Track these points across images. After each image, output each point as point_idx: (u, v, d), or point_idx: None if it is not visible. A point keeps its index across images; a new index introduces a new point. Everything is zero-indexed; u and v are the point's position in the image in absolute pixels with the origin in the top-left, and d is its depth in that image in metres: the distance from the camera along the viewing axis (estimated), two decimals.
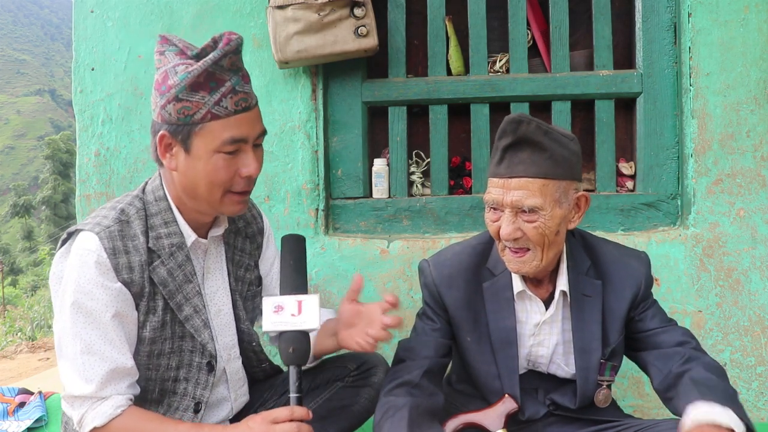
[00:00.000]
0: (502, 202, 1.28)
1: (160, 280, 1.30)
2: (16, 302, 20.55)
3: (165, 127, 1.25)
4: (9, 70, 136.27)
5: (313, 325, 1.24)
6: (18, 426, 2.06)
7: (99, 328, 1.23)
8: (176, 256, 1.33)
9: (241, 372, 1.48)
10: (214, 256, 1.43)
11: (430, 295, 1.46)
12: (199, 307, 1.36)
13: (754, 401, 2.02)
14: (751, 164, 2.03)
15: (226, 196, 1.30)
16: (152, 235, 1.31)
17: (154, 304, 1.30)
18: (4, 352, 6.73)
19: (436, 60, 2.21)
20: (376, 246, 2.12)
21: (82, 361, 1.23)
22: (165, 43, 1.29)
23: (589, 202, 1.35)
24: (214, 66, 1.21)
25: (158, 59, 1.28)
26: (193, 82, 1.21)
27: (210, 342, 1.37)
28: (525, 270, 1.32)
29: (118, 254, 1.25)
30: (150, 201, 1.34)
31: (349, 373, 1.55)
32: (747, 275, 2.02)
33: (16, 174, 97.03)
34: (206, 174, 1.26)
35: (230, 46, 1.22)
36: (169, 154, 1.28)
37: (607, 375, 1.40)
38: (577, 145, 1.33)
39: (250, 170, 1.29)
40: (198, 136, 1.24)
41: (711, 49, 2.03)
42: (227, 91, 1.24)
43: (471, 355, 1.44)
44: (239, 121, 1.26)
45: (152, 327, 1.30)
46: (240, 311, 1.46)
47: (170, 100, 1.23)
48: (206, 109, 1.22)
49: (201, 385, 1.38)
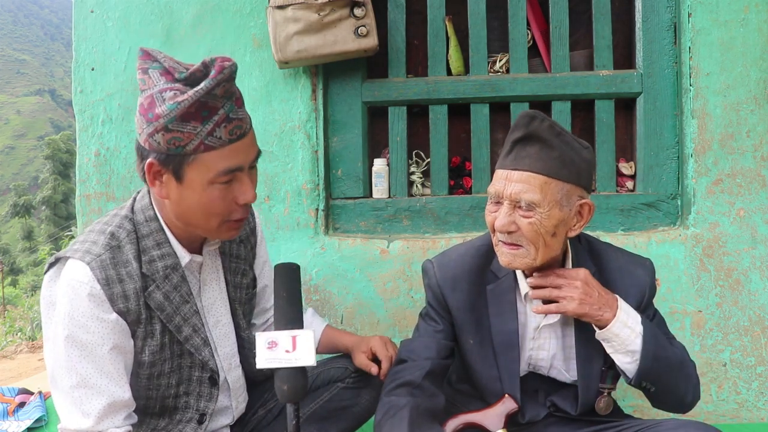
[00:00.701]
0: (503, 194, 1.28)
1: (157, 304, 1.25)
2: (16, 302, 20.56)
3: (153, 156, 1.18)
4: (9, 70, 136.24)
5: (308, 362, 1.16)
6: (18, 426, 2.06)
7: (95, 362, 1.19)
8: (171, 279, 1.28)
9: (241, 380, 1.47)
10: (210, 268, 1.39)
11: (434, 297, 1.46)
12: (198, 326, 1.32)
13: (754, 401, 2.02)
14: (751, 164, 2.03)
15: (223, 225, 1.25)
16: (145, 259, 1.25)
17: (151, 328, 1.26)
18: (4, 352, 6.73)
19: (436, 60, 2.21)
20: (376, 246, 2.12)
21: (78, 395, 1.19)
22: (148, 59, 1.19)
23: (593, 211, 1.33)
24: (206, 96, 1.13)
25: (142, 78, 1.19)
26: (183, 113, 1.13)
27: (211, 359, 1.34)
28: (516, 264, 1.31)
29: (111, 284, 1.20)
30: (140, 221, 1.28)
31: (349, 374, 1.54)
32: (747, 275, 2.02)
33: (16, 174, 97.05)
34: (201, 205, 1.21)
35: (223, 75, 1.14)
36: (158, 182, 1.21)
37: (608, 383, 1.40)
38: (590, 154, 1.32)
39: (247, 197, 1.23)
40: (191, 167, 1.17)
41: (711, 49, 2.03)
42: (221, 120, 1.16)
43: (472, 357, 1.44)
44: (235, 151, 1.19)
45: (151, 351, 1.26)
46: (240, 320, 1.44)
47: (158, 130, 1.14)
48: (199, 140, 1.15)
49: (205, 398, 1.35)
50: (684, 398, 1.36)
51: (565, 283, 1.29)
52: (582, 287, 1.28)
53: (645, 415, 1.97)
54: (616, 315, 1.27)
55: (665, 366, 1.30)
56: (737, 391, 2.02)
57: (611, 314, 1.27)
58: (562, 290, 1.29)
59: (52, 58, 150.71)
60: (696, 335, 2.03)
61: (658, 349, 1.29)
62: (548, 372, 1.44)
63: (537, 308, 1.34)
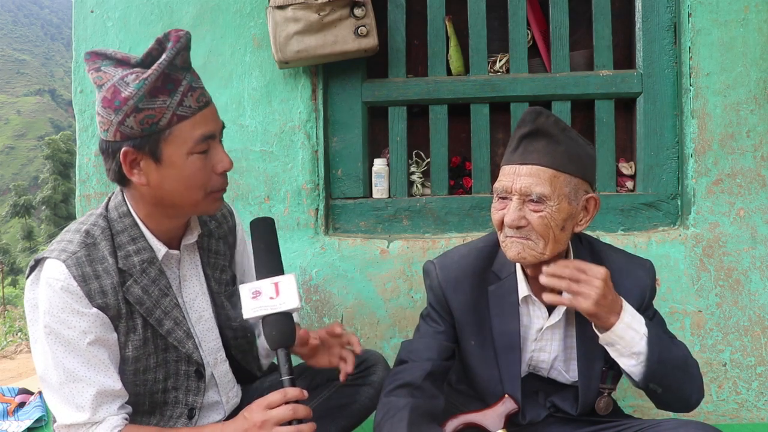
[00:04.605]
0: (511, 189, 1.27)
1: (136, 299, 1.26)
2: (16, 302, 20.54)
3: (127, 143, 1.19)
4: (9, 70, 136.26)
5: (293, 304, 1.21)
6: (18, 426, 2.07)
7: (80, 355, 1.20)
8: (148, 272, 1.28)
9: (229, 375, 1.47)
10: (189, 264, 1.40)
11: (436, 298, 1.45)
12: (179, 319, 1.33)
13: (754, 401, 2.02)
14: (751, 164, 2.03)
15: (207, 197, 1.27)
16: (120, 255, 1.26)
17: (132, 323, 1.27)
18: (4, 352, 6.71)
19: (436, 60, 2.21)
20: (376, 246, 2.12)
21: (69, 390, 1.20)
22: (97, 59, 1.22)
23: (598, 205, 1.33)
24: (169, 67, 1.17)
25: (97, 76, 1.20)
26: (151, 88, 1.15)
27: (195, 351, 1.35)
28: (524, 255, 1.29)
29: (88, 280, 1.21)
30: (114, 218, 1.29)
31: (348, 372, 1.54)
32: (747, 275, 2.02)
33: (16, 174, 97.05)
34: (183, 179, 1.22)
35: (181, 43, 1.18)
36: (136, 170, 1.22)
37: (608, 383, 1.40)
38: (593, 151, 1.33)
39: (225, 164, 1.26)
40: (168, 143, 1.19)
41: (711, 49, 2.03)
42: (186, 89, 1.19)
43: (474, 359, 1.44)
44: (205, 117, 1.22)
45: (134, 346, 1.27)
46: (228, 311, 1.45)
47: (129, 113, 1.16)
48: (171, 112, 1.18)
49: (192, 392, 1.36)
50: (690, 398, 1.35)
51: (585, 279, 1.24)
52: (601, 287, 1.23)
53: (645, 415, 1.97)
54: (620, 317, 1.25)
55: (671, 367, 1.29)
56: (737, 391, 2.03)
57: (616, 317, 1.26)
58: (581, 286, 1.24)
59: (52, 58, 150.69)
60: (696, 335, 2.03)
61: (663, 351, 1.27)
62: (548, 373, 1.44)
63: (549, 298, 1.29)
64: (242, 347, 1.48)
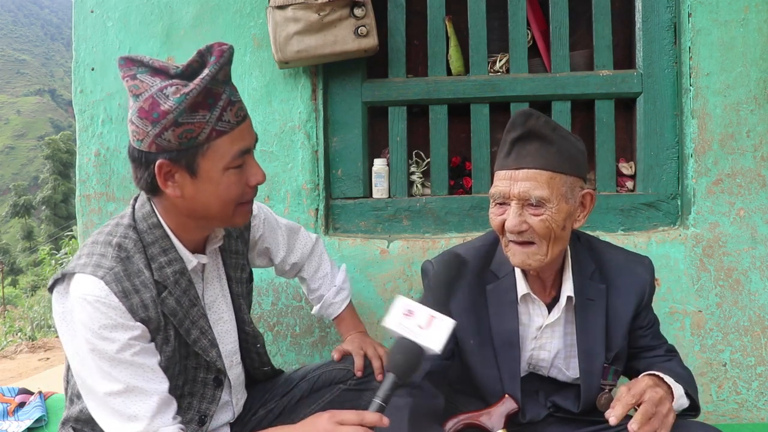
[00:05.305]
0: (509, 194, 1.28)
1: (170, 310, 1.26)
2: (16, 302, 20.56)
3: (164, 156, 1.17)
4: (9, 70, 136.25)
5: (435, 347, 1.10)
6: (18, 426, 2.07)
7: (128, 367, 1.18)
8: (180, 283, 1.28)
9: (242, 377, 1.47)
10: (212, 267, 1.40)
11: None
12: (205, 328, 1.33)
13: (754, 401, 2.02)
14: (751, 164, 2.03)
15: (237, 209, 1.26)
16: (155, 267, 1.25)
17: (166, 334, 1.26)
18: (4, 352, 6.72)
19: (436, 60, 2.21)
20: (376, 246, 2.12)
21: (121, 401, 1.18)
22: (132, 65, 1.19)
23: (594, 200, 1.35)
24: (211, 82, 1.14)
25: (133, 85, 1.17)
26: (192, 103, 1.13)
27: (219, 359, 1.34)
28: (529, 262, 1.30)
29: (129, 295, 1.19)
30: (144, 230, 1.27)
31: (351, 376, 1.54)
32: (747, 275, 2.02)
33: (16, 174, 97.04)
34: (219, 194, 1.21)
35: (225, 58, 1.16)
36: (171, 182, 1.20)
37: (609, 379, 1.40)
38: (582, 146, 1.34)
39: (258, 178, 1.25)
40: (205, 158, 1.18)
41: (711, 49, 2.03)
42: (225, 104, 1.17)
43: (473, 358, 1.44)
44: (242, 132, 1.21)
45: (166, 357, 1.26)
46: (244, 314, 1.45)
47: (167, 127, 1.14)
48: (210, 127, 1.16)
49: (207, 400, 1.35)
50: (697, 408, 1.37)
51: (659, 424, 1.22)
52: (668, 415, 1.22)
53: None
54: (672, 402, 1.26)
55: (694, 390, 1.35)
56: (737, 391, 2.03)
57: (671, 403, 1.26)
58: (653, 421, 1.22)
59: (52, 58, 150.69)
60: (696, 335, 2.03)
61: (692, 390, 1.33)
62: (548, 372, 1.44)
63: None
64: (251, 352, 1.49)
